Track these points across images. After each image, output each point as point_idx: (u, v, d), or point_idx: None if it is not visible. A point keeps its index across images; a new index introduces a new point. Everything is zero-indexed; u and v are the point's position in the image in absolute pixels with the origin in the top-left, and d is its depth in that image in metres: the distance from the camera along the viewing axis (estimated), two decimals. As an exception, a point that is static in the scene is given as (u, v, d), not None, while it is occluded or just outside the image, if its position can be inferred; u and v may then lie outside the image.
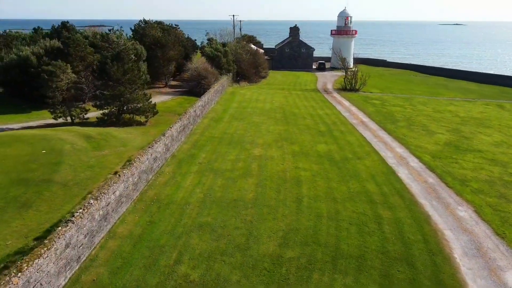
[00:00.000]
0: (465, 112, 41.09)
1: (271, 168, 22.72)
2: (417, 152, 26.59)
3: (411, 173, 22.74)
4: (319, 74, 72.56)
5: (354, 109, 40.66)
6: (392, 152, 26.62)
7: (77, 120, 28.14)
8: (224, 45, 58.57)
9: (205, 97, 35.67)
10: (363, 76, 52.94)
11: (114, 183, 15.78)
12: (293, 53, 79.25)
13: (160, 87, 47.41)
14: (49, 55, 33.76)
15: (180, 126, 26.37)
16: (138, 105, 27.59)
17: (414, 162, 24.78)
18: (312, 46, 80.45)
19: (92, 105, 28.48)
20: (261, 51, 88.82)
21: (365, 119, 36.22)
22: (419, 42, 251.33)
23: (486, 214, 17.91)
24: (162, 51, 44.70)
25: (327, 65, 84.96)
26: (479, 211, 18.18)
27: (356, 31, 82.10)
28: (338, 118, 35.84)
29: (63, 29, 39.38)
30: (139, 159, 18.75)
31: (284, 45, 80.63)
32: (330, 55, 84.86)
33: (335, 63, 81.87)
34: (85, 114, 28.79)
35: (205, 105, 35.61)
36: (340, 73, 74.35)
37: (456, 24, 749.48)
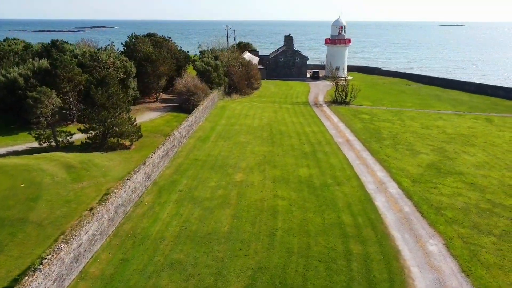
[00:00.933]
0: (452, 128, 41.45)
1: (250, 196, 23.10)
2: (397, 176, 26.96)
3: (388, 201, 23.12)
4: (312, 83, 72.99)
5: (341, 125, 41.05)
6: (373, 176, 26.99)
7: (61, 145, 28.57)
8: (216, 58, 59.02)
9: (192, 117, 36.10)
10: (354, 89, 53.30)
11: (87, 222, 16.18)
12: (287, 62, 79.75)
13: (151, 102, 47.88)
14: (36, 75, 34.24)
15: (163, 151, 26.80)
16: (123, 129, 27.98)
17: (393, 187, 25.15)
18: (306, 56, 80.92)
19: (77, 129, 28.85)
20: (256, 60, 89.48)
21: (351, 137, 36.60)
22: (420, 44, 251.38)
23: (456, 248, 18.26)
24: (152, 67, 45.16)
25: (322, 73, 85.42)
26: (449, 244, 18.54)
27: (350, 40, 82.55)
28: (324, 137, 36.22)
29: (53, 47, 39.80)
30: (116, 193, 19.15)
31: (278, 54, 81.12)
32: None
33: (329, 72, 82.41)
34: (70, 138, 29.19)
35: (193, 124, 36.05)
36: (334, 83, 74.96)
37: (457, 25, 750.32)
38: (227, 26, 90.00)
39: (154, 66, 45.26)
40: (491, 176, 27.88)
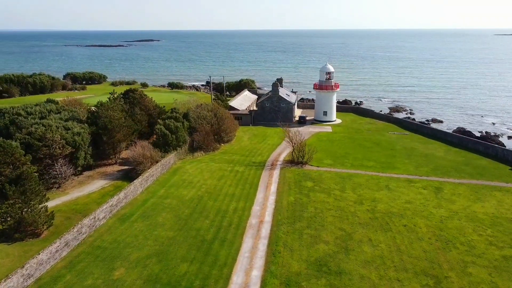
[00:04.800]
0: (387, 203, 41.81)
1: (109, 301, 25.75)
2: (269, 277, 28.48)
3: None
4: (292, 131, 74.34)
5: (272, 199, 42.70)
6: (246, 276, 28.71)
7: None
8: (185, 115, 62.73)
9: (121, 193, 39.55)
10: (310, 150, 54.62)
11: None
12: (273, 108, 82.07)
13: (109, 165, 52.10)
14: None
15: (58, 246, 30.18)
16: (34, 219, 31.79)
17: (254, 293, 26.75)
18: (291, 101, 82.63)
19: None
20: (253, 99, 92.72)
21: (268, 217, 38.25)
22: (469, 61, 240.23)
23: None
24: (107, 135, 49.42)
25: (312, 115, 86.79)
26: None
27: (337, 85, 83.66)
28: (240, 217, 38.16)
29: (12, 125, 45.23)
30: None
31: (264, 99, 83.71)
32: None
33: (318, 116, 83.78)
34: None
35: (119, 202, 39.39)
36: (318, 129, 76.30)
37: None
38: (210, 76, 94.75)
39: (110, 135, 49.50)
40: (370, 278, 28.69)
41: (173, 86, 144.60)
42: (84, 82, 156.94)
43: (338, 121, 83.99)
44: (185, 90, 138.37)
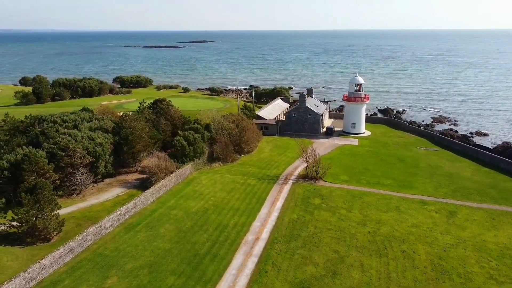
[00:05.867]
0: (392, 226, 41.14)
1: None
2: (248, 297, 29.49)
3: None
4: (316, 143, 74.35)
5: (274, 215, 43.48)
6: (226, 293, 29.93)
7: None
8: (207, 126, 65.13)
9: (130, 203, 42.38)
10: (325, 165, 54.62)
11: None
12: (300, 118, 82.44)
13: (129, 173, 55.54)
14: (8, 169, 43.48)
15: (62, 252, 33.25)
16: (44, 225, 35.27)
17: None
18: (319, 112, 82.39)
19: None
20: (284, 107, 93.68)
21: (265, 235, 39.13)
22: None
23: None
24: (127, 146, 52.84)
25: (340, 126, 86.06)
26: None
27: (367, 97, 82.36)
28: (238, 233, 39.40)
29: (42, 135, 50.05)
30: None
31: (292, 110, 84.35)
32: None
33: (347, 128, 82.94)
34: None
35: (127, 212, 42.19)
36: (343, 142, 75.65)
37: None
38: (237, 87, 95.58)
39: (130, 145, 52.88)
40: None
41: (212, 90, 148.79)
42: (131, 86, 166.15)
43: (367, 133, 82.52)
44: (223, 96, 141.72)
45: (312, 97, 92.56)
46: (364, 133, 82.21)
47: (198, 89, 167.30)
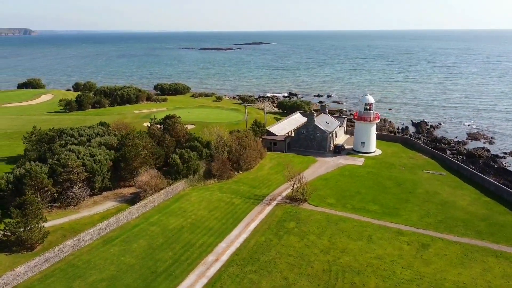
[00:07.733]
0: (356, 255, 41.97)
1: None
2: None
3: None
4: (320, 162, 75.24)
5: (243, 237, 45.74)
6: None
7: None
8: (207, 144, 68.73)
9: (112, 218, 46.81)
10: (310, 188, 56.00)
11: None
12: (308, 136, 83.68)
13: (127, 186, 60.41)
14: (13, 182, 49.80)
15: (36, 262, 38.07)
16: (28, 236, 40.57)
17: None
18: (328, 130, 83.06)
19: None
20: (302, 121, 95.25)
21: (226, 257, 41.59)
22: None
23: None
24: (125, 163, 57.80)
25: (350, 143, 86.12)
26: None
27: (378, 116, 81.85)
28: (200, 254, 42.10)
29: (48, 151, 56.43)
30: None
31: (300, 127, 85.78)
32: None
33: (356, 146, 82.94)
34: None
35: (112, 225, 46.57)
36: (348, 161, 75.97)
37: None
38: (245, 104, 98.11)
39: (127, 162, 57.79)
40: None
41: (243, 100, 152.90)
42: (170, 93, 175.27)
43: (378, 152, 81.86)
44: (251, 105, 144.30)
45: (325, 113, 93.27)
46: (373, 152, 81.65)
47: (233, 97, 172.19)
